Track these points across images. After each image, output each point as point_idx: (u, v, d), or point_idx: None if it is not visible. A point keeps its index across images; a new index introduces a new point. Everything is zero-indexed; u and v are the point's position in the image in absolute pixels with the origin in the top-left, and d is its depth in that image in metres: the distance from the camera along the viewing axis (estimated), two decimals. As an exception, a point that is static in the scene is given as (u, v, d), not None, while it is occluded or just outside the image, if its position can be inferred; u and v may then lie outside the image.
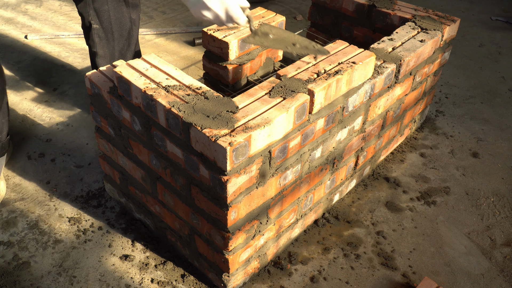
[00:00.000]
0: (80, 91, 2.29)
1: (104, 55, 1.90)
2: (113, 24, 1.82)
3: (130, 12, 1.83)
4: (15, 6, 3.11)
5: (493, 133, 2.16)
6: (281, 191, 1.38)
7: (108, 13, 1.79)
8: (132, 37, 1.90)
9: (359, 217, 1.72)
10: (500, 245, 1.64)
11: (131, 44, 1.92)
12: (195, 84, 1.26)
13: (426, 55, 1.73)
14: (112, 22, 1.82)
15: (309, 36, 2.17)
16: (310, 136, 1.36)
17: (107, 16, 1.80)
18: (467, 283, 1.51)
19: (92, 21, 1.81)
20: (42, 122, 2.10)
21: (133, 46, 1.94)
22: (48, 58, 2.55)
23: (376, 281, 1.50)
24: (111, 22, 1.81)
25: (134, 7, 1.85)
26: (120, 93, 1.33)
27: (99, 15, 1.79)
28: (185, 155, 1.22)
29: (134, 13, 1.85)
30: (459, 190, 1.85)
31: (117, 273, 1.49)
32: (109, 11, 1.79)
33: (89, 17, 1.80)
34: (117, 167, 1.59)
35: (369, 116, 1.61)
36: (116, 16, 1.81)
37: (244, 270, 1.43)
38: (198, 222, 1.34)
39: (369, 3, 1.89)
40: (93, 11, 1.78)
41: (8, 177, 1.82)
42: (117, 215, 1.68)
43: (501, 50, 2.83)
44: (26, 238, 1.59)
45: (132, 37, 1.90)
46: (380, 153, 1.89)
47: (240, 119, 1.16)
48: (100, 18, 1.80)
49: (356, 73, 1.39)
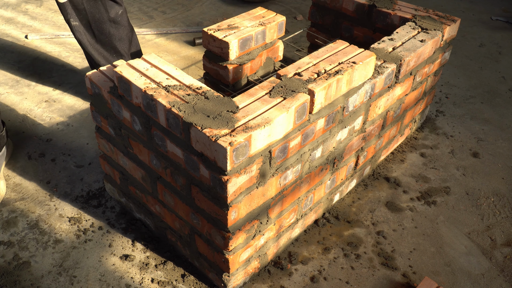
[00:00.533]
0: (81, 91, 2.30)
1: (90, 49, 1.96)
2: (91, 22, 1.87)
3: (108, 10, 1.87)
4: (15, 6, 3.11)
5: (493, 133, 2.16)
6: (281, 191, 1.38)
7: (84, 11, 1.84)
8: (113, 35, 1.93)
9: (359, 217, 1.72)
10: (500, 245, 1.64)
11: (113, 41, 1.95)
12: (195, 84, 1.26)
13: (427, 55, 1.73)
14: (90, 20, 1.86)
15: (309, 36, 2.17)
16: (310, 136, 1.36)
17: (83, 14, 1.85)
18: (467, 283, 1.51)
19: (71, 18, 1.87)
20: (42, 122, 2.10)
21: (118, 43, 1.96)
22: (48, 58, 2.56)
23: (376, 281, 1.50)
24: (88, 20, 1.85)
25: (112, 6, 1.88)
26: (121, 93, 1.33)
27: (76, 13, 1.85)
28: (185, 155, 1.22)
29: (113, 11, 1.88)
30: (459, 190, 1.85)
31: (117, 273, 1.49)
32: (85, 9, 1.83)
33: (68, 15, 1.86)
34: (117, 167, 1.59)
35: (369, 116, 1.61)
36: (93, 14, 1.85)
37: (244, 270, 1.43)
38: (198, 222, 1.34)
39: (370, 3, 1.89)
40: (71, 9, 1.84)
41: (8, 177, 1.82)
42: (117, 215, 1.68)
43: (501, 50, 2.83)
44: (26, 238, 1.59)
45: (113, 35, 1.94)
46: (381, 153, 1.89)
47: (241, 119, 1.16)
48: (78, 16, 1.87)
49: (357, 73, 1.39)
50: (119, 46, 1.97)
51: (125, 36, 1.97)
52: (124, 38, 1.97)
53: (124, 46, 1.99)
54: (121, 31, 1.94)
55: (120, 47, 1.97)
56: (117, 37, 1.94)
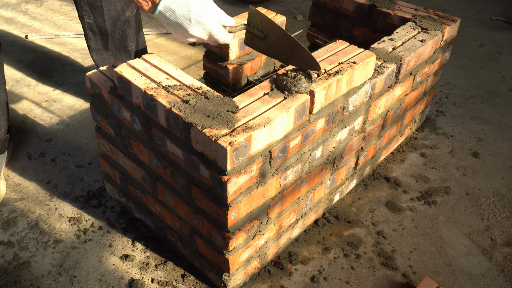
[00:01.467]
0: (81, 91, 2.30)
1: (98, 48, 1.95)
2: (106, 20, 1.85)
3: (124, 9, 1.85)
4: (16, 6, 3.11)
5: (494, 133, 2.16)
6: (282, 191, 1.38)
7: (101, 8, 1.82)
8: (127, 33, 1.92)
9: (359, 217, 1.72)
10: (501, 245, 1.64)
11: (125, 40, 1.93)
12: (195, 84, 1.26)
13: (427, 55, 1.73)
14: (105, 18, 1.84)
15: (309, 36, 2.17)
16: (310, 136, 1.36)
17: (100, 12, 1.82)
18: (467, 283, 1.51)
19: (86, 15, 1.85)
20: (42, 122, 2.10)
21: (129, 42, 1.95)
22: (48, 58, 2.56)
23: (376, 281, 1.50)
24: (104, 18, 1.84)
25: (131, 6, 1.87)
26: (121, 93, 1.33)
27: (92, 10, 1.83)
28: (185, 155, 1.22)
29: (128, 10, 1.87)
30: (459, 190, 1.85)
31: (118, 273, 1.49)
32: (102, 7, 1.81)
33: (83, 11, 1.85)
34: (117, 167, 1.59)
35: (369, 116, 1.61)
36: (109, 12, 1.83)
37: (244, 270, 1.43)
38: (198, 222, 1.34)
39: (370, 3, 1.89)
40: (87, 5, 1.81)
41: (8, 177, 1.82)
42: (118, 215, 1.68)
43: (502, 50, 2.83)
44: (27, 238, 1.59)
45: (127, 34, 1.92)
46: (381, 153, 1.89)
47: (241, 119, 1.16)
48: (94, 13, 1.84)
49: (357, 73, 1.39)
50: (129, 46, 1.97)
51: (135, 35, 1.97)
52: (134, 37, 1.97)
53: (133, 46, 1.99)
54: (133, 30, 1.94)
55: (130, 46, 1.97)
56: (130, 37, 1.94)
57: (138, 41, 2.00)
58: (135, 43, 1.98)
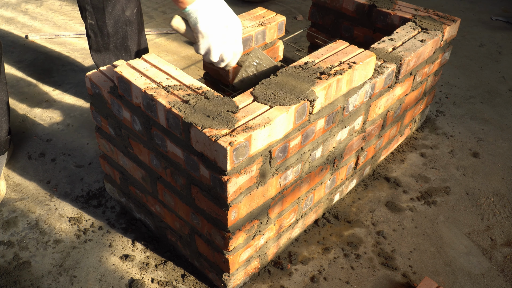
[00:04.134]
0: (81, 91, 2.30)
1: (98, 49, 1.95)
2: (107, 21, 1.85)
3: (124, 9, 1.86)
4: (16, 6, 3.11)
5: (493, 133, 2.16)
6: (282, 191, 1.38)
7: (103, 10, 1.82)
8: (128, 33, 1.92)
9: (359, 217, 1.72)
10: (500, 245, 1.64)
11: (126, 40, 1.94)
12: (195, 84, 1.26)
13: (427, 55, 1.73)
14: (106, 19, 1.85)
15: (309, 36, 2.17)
16: (310, 136, 1.36)
17: (102, 13, 1.83)
18: (467, 283, 1.51)
19: (88, 16, 1.85)
20: (42, 122, 2.10)
21: (130, 42, 1.95)
22: (48, 58, 2.56)
23: (376, 281, 1.50)
24: (105, 19, 1.84)
25: (130, 5, 1.87)
26: (121, 93, 1.33)
27: (95, 11, 1.84)
28: (185, 155, 1.22)
29: (129, 9, 1.87)
30: (459, 190, 1.85)
31: (118, 273, 1.49)
32: (104, 8, 1.81)
33: (86, 12, 1.85)
34: (117, 167, 1.59)
35: (369, 116, 1.61)
36: (111, 13, 1.84)
37: (244, 270, 1.43)
38: (198, 222, 1.34)
39: (370, 3, 1.89)
40: (90, 7, 1.82)
41: (8, 177, 1.82)
42: (118, 215, 1.68)
43: (502, 50, 2.83)
44: (27, 238, 1.59)
45: (128, 34, 1.92)
46: (381, 153, 1.89)
47: (241, 119, 1.16)
48: (96, 15, 1.85)
49: (357, 73, 1.39)
50: (130, 45, 1.97)
51: (136, 35, 1.97)
52: (135, 36, 1.97)
53: (134, 45, 1.99)
54: (135, 30, 1.95)
55: (131, 46, 1.97)
56: (131, 36, 1.94)
57: (140, 41, 2.00)
58: (137, 43, 1.98)
